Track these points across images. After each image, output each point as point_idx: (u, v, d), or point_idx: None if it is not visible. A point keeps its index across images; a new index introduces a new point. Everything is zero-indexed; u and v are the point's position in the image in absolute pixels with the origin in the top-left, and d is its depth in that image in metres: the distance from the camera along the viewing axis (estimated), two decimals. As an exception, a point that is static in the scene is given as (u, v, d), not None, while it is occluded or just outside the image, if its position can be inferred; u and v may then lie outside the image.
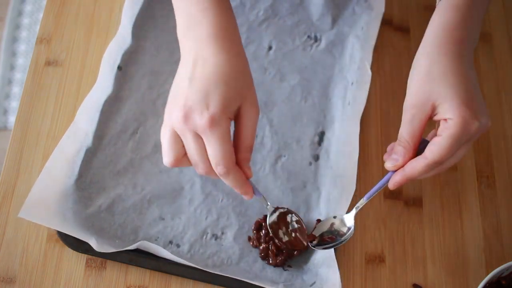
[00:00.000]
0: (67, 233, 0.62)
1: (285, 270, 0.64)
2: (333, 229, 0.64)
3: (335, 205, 0.66)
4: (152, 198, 0.67)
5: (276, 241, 0.64)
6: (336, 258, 0.63)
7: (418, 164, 0.56)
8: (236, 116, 0.56)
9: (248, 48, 0.76)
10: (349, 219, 0.63)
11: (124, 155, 0.68)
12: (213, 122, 0.53)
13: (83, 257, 0.64)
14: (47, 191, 0.64)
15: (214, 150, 0.54)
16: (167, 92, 0.72)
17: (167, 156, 0.56)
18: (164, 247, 0.64)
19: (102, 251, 0.61)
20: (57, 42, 0.76)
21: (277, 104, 0.73)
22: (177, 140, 0.56)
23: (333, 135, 0.71)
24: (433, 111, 0.56)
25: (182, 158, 0.56)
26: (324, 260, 0.63)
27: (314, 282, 0.63)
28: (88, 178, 0.67)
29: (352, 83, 0.74)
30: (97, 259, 0.64)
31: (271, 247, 0.64)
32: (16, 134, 0.70)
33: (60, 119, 0.71)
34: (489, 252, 0.68)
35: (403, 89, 0.77)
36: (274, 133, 0.71)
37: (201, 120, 0.53)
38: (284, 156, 0.70)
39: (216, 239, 0.65)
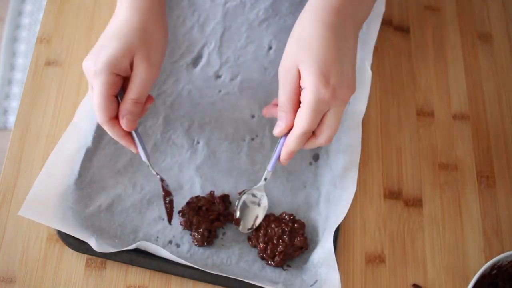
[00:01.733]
0: (66, 232, 0.62)
1: (285, 270, 0.64)
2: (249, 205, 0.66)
3: (335, 205, 0.66)
4: (152, 197, 0.67)
5: (275, 241, 0.64)
6: (336, 258, 0.63)
7: (290, 137, 0.59)
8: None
9: (248, 47, 0.76)
10: (260, 191, 0.66)
11: (124, 154, 0.68)
12: (95, 75, 0.58)
13: (83, 257, 0.64)
14: (47, 190, 0.64)
15: (94, 101, 0.59)
16: (166, 91, 0.72)
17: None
18: (164, 247, 0.64)
19: (101, 251, 0.61)
20: (57, 42, 0.76)
21: (277, 104, 0.73)
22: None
23: (333, 134, 0.71)
24: (299, 76, 0.57)
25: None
26: (324, 260, 0.63)
27: (315, 282, 0.63)
28: (88, 177, 0.67)
29: (352, 83, 0.74)
30: (97, 259, 0.64)
31: (270, 246, 0.64)
32: (16, 134, 0.70)
33: (60, 119, 0.71)
34: (489, 252, 0.68)
35: (403, 89, 0.77)
36: (274, 133, 0.71)
37: (88, 73, 0.59)
38: (284, 156, 0.70)
39: (215, 238, 0.65)
